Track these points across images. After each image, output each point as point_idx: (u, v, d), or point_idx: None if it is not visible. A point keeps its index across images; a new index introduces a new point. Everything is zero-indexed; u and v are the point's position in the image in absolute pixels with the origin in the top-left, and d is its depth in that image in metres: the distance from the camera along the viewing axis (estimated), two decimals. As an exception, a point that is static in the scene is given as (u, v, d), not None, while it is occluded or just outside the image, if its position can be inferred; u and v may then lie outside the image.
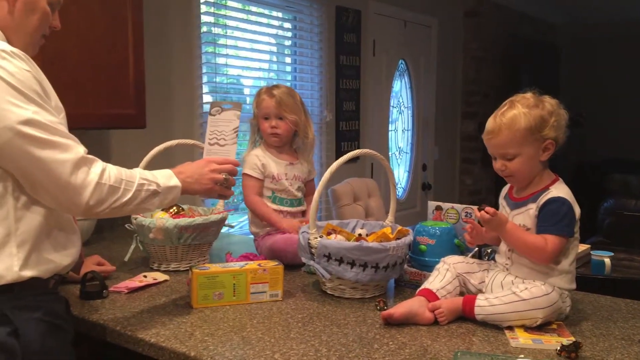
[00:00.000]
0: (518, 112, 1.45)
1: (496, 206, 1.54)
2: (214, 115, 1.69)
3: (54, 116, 1.23)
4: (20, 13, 1.29)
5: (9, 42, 1.27)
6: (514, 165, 1.47)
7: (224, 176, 1.54)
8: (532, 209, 1.47)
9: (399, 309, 1.45)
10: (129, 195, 1.31)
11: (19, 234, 1.22)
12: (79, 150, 1.25)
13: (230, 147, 1.67)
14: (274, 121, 2.03)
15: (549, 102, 1.48)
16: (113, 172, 1.30)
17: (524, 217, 1.49)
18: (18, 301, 1.23)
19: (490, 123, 1.49)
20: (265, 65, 3.64)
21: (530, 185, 1.51)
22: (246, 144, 2.19)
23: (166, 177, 1.42)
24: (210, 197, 1.63)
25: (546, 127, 1.44)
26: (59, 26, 1.40)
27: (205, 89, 3.19)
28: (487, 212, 1.44)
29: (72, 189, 1.22)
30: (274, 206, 2.04)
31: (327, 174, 1.63)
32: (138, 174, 1.36)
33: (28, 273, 1.23)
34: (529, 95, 1.49)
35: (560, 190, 1.46)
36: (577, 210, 1.46)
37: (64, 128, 1.25)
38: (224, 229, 2.14)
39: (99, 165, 1.28)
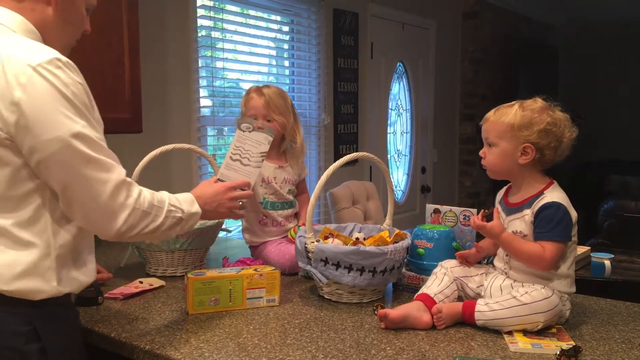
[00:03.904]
0: (513, 109, 1.47)
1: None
2: (244, 131, 1.65)
3: (99, 132, 1.21)
4: (61, 16, 1.28)
5: (46, 44, 1.24)
6: (490, 154, 1.50)
7: (240, 204, 1.55)
8: (528, 215, 1.45)
9: (396, 311, 1.44)
10: (158, 221, 1.29)
11: (57, 247, 1.20)
12: (121, 172, 1.23)
13: (253, 169, 1.64)
14: (261, 121, 1.96)
15: (556, 113, 1.46)
16: (147, 196, 1.27)
17: (520, 223, 1.47)
18: (49, 316, 1.21)
19: (489, 112, 1.53)
20: (264, 69, 3.63)
21: (524, 189, 1.50)
22: None
23: (189, 203, 1.40)
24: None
25: (530, 129, 1.43)
26: (89, 30, 1.39)
27: (204, 92, 3.18)
28: (478, 220, 1.50)
29: (109, 211, 1.20)
30: (266, 212, 2.02)
31: (323, 178, 1.62)
32: (167, 200, 1.33)
33: (65, 288, 1.22)
34: (540, 100, 1.48)
35: (554, 194, 1.45)
36: (574, 213, 1.45)
37: (106, 146, 1.22)
38: (222, 234, 2.13)
39: (136, 189, 1.25)
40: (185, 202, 1.39)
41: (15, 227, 1.16)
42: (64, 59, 1.18)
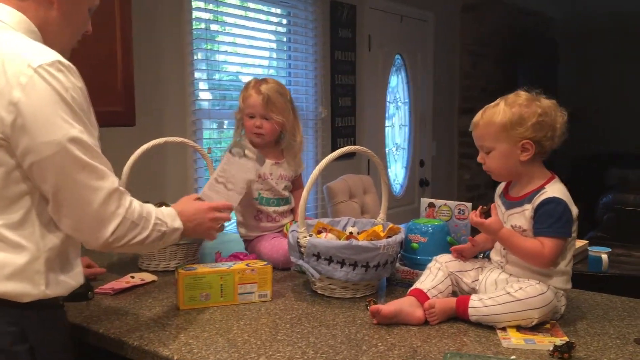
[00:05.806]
0: (500, 108, 1.43)
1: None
2: (234, 155, 1.64)
3: (95, 138, 1.20)
4: (63, 17, 1.26)
5: (46, 45, 1.22)
6: (490, 160, 1.47)
7: (219, 226, 1.55)
8: (528, 209, 1.43)
9: (388, 306, 1.42)
10: (145, 234, 1.27)
11: (46, 250, 1.18)
12: (114, 180, 1.21)
13: (235, 195, 1.64)
14: (259, 121, 1.93)
15: (543, 102, 1.43)
16: (137, 207, 1.25)
17: (520, 218, 1.45)
18: (37, 317, 1.19)
19: (475, 116, 1.50)
20: (264, 62, 3.61)
21: (525, 183, 1.47)
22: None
23: (172, 217, 1.38)
24: None
25: (523, 125, 1.40)
26: (90, 31, 1.37)
27: (203, 85, 3.16)
28: (476, 216, 1.47)
29: (99, 219, 1.18)
30: (261, 207, 2.00)
31: (315, 171, 1.60)
32: (154, 212, 1.31)
33: (53, 292, 1.20)
34: (523, 93, 1.45)
35: (555, 189, 1.42)
36: (574, 209, 1.42)
37: (101, 153, 1.20)
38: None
39: (128, 199, 1.24)
40: (169, 216, 1.37)
41: (4, 228, 1.15)
42: (66, 62, 1.16)
